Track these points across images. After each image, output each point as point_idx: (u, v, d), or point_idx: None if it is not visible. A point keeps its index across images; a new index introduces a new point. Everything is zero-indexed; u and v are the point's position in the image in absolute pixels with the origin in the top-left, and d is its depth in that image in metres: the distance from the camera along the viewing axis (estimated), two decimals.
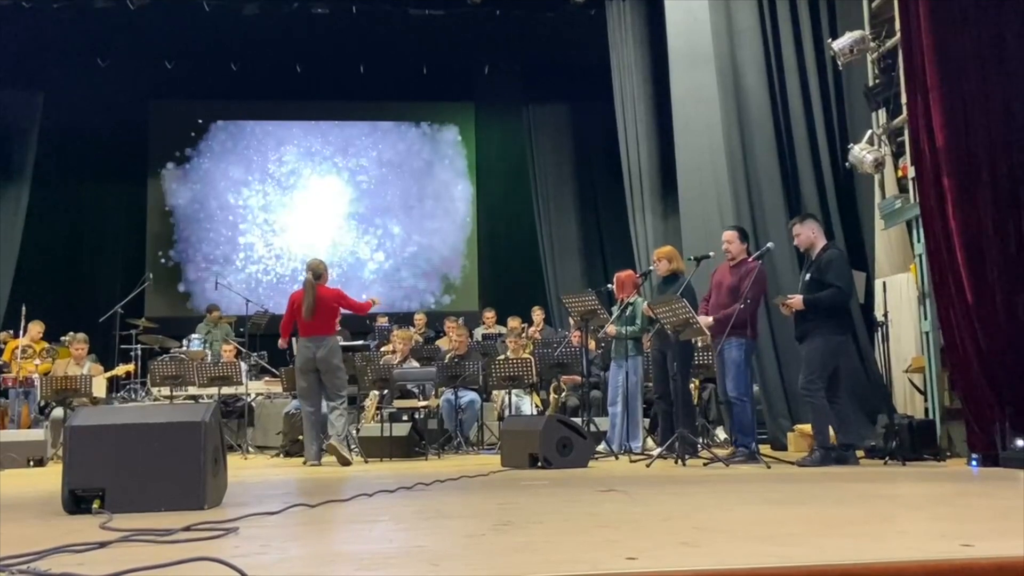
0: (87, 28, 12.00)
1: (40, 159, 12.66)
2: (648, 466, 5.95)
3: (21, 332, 9.64)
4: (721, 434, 7.90)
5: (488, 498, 4.19)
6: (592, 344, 8.64)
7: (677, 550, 2.43)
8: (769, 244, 6.40)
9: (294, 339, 7.61)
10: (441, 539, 2.85)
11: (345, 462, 6.90)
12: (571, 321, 8.57)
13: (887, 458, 5.80)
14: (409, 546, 2.68)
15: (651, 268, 7.36)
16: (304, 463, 7.16)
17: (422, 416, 7.99)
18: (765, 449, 6.56)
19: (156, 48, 12.76)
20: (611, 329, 7.48)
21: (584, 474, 5.52)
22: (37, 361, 9.52)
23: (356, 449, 7.77)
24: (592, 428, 7.21)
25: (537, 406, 8.99)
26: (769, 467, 5.67)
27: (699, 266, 6.75)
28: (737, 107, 8.07)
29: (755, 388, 7.08)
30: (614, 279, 7.70)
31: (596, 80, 11.61)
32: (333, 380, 7.18)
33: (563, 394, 8.98)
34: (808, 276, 6.04)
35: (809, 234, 6.13)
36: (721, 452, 6.21)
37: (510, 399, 8.83)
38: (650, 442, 7.64)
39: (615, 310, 7.58)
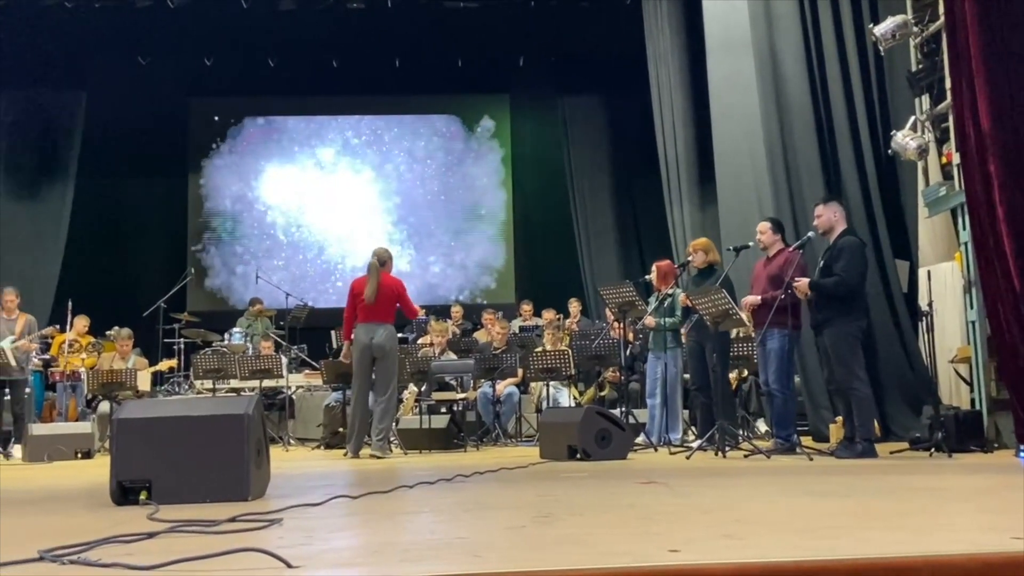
0: (128, 27, 12.23)
1: (84, 157, 12.90)
2: (688, 458, 5.91)
3: (68, 327, 9.85)
4: (762, 426, 7.82)
5: (527, 490, 4.20)
6: (630, 336, 8.60)
7: (719, 543, 2.42)
8: (810, 234, 6.27)
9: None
10: (482, 531, 2.85)
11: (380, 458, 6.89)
12: (608, 313, 8.53)
13: (932, 450, 5.71)
14: (451, 537, 2.69)
15: (689, 259, 7.29)
16: (344, 455, 7.21)
17: (460, 408, 8.02)
18: (807, 441, 6.48)
19: (195, 45, 12.95)
20: (650, 320, 7.44)
21: (623, 466, 5.51)
22: (83, 355, 9.74)
23: (396, 441, 7.81)
24: (631, 420, 7.18)
25: (575, 398, 8.97)
26: (811, 459, 5.61)
27: (738, 256, 6.67)
28: (776, 94, 7.94)
29: (796, 380, 7.00)
30: (653, 268, 7.63)
31: (631, 70, 11.55)
32: (384, 367, 7.10)
33: (606, 390, 8.96)
34: (822, 262, 5.93)
35: (831, 216, 5.99)
36: (762, 444, 6.15)
37: (548, 391, 8.84)
38: (690, 434, 7.60)
39: (652, 301, 7.53)
